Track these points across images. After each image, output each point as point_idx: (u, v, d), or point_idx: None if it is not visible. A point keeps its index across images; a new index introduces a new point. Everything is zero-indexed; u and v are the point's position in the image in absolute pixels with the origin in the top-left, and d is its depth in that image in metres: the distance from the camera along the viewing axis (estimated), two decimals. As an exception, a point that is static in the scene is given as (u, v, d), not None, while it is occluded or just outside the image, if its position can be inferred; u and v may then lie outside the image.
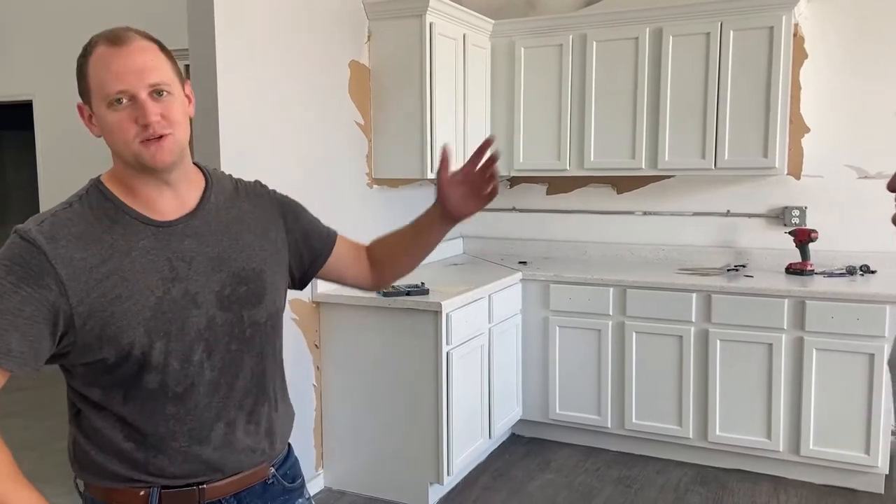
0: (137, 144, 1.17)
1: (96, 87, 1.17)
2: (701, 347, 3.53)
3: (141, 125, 1.16)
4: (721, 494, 3.33)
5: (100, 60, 1.16)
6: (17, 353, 1.11)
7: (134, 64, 1.16)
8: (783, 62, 3.50)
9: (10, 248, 1.15)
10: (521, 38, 4.06)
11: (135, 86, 1.15)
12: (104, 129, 1.19)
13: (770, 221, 3.93)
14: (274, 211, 1.40)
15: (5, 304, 1.11)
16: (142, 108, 1.15)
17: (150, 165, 1.18)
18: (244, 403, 1.30)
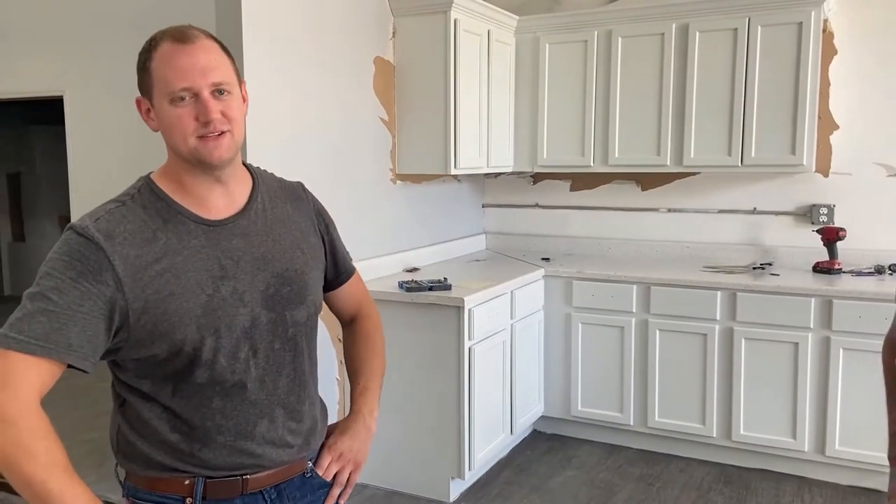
0: (196, 140, 1.20)
1: (160, 82, 1.19)
2: (725, 346, 3.50)
3: (202, 122, 1.19)
4: (744, 494, 3.31)
5: (165, 57, 1.19)
6: (76, 348, 1.13)
7: (198, 62, 1.19)
8: (812, 58, 3.46)
9: (67, 244, 1.17)
10: (546, 34, 4.04)
11: (198, 84, 1.18)
12: (164, 123, 1.22)
13: (797, 219, 3.89)
14: (312, 216, 1.43)
15: (65, 298, 1.13)
16: (204, 105, 1.19)
17: (208, 161, 1.21)
18: (286, 401, 1.33)
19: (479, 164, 3.87)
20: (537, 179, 4.54)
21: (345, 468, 1.42)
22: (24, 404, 1.10)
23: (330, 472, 1.41)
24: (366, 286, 1.62)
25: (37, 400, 1.12)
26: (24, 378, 1.10)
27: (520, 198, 4.62)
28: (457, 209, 4.43)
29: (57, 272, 1.14)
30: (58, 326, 1.12)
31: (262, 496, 1.31)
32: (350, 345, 1.57)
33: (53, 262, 1.16)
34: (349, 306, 1.57)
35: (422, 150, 3.68)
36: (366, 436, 1.45)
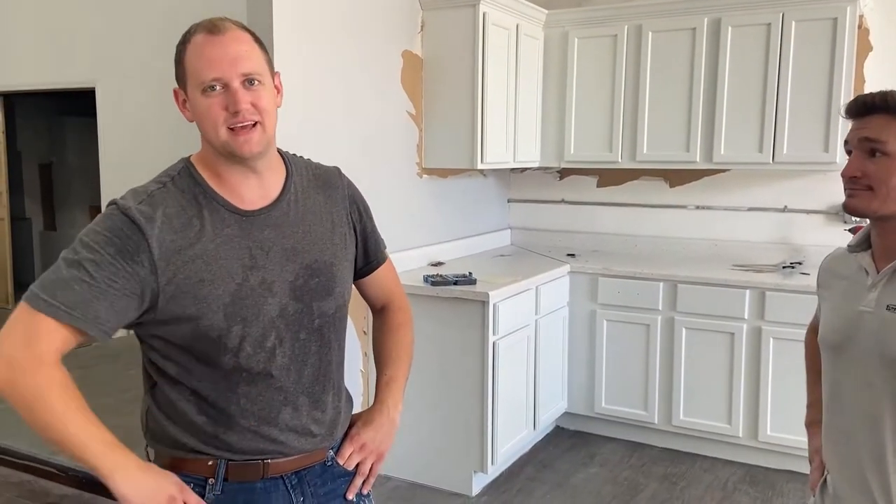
0: (226, 131, 1.21)
1: (192, 72, 1.22)
2: (753, 345, 3.46)
3: (231, 112, 1.20)
4: (770, 495, 3.27)
5: (197, 48, 1.22)
6: (103, 321, 1.17)
7: (229, 53, 1.20)
8: (847, 54, 3.39)
9: (110, 220, 1.20)
10: (575, 29, 4.01)
11: (228, 74, 1.20)
12: (196, 113, 1.24)
13: (829, 218, 3.82)
14: (345, 204, 1.43)
15: (101, 273, 1.16)
16: (233, 95, 1.20)
17: (238, 154, 1.23)
18: (311, 390, 1.34)
19: (506, 158, 3.86)
20: (564, 175, 4.51)
21: (367, 459, 1.43)
22: (45, 358, 1.15)
23: (351, 462, 1.42)
24: (398, 278, 1.62)
25: (58, 359, 1.17)
26: (49, 339, 1.15)
27: (546, 193, 4.59)
28: (482, 204, 4.42)
29: (98, 245, 1.18)
30: (90, 298, 1.15)
31: (282, 481, 1.33)
32: (379, 335, 1.57)
33: (95, 234, 1.19)
34: (380, 295, 1.56)
35: (448, 145, 3.68)
36: (389, 428, 1.46)
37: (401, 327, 1.56)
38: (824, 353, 1.45)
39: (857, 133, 1.30)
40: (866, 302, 1.33)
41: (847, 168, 1.31)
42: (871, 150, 1.28)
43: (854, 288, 1.38)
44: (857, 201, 1.30)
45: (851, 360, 1.36)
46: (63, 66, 5.36)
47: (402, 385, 1.51)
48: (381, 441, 1.45)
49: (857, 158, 1.30)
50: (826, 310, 1.47)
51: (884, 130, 1.26)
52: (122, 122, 5.15)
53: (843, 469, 1.40)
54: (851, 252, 1.43)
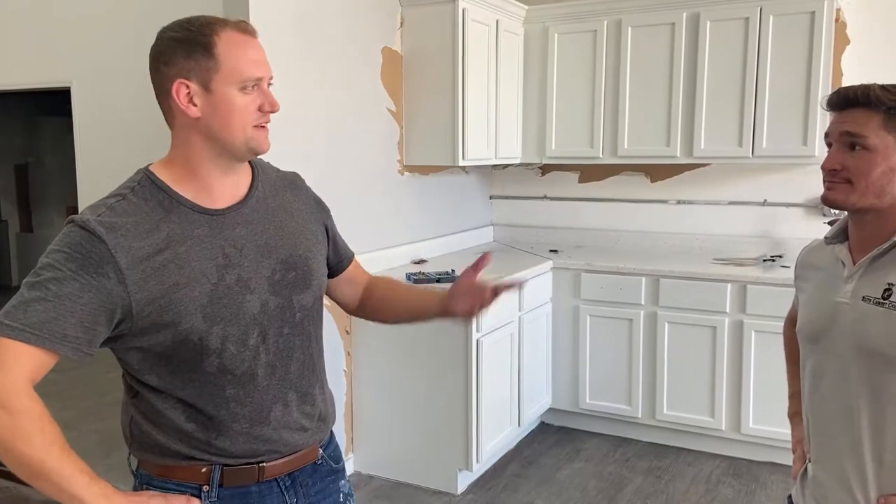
0: (252, 129, 1.23)
1: (230, 68, 1.20)
2: (735, 339, 3.48)
3: (264, 112, 1.24)
4: (754, 487, 3.29)
5: (235, 44, 1.21)
6: (71, 339, 1.13)
7: (263, 55, 1.26)
8: (824, 48, 3.42)
9: (69, 237, 1.17)
10: (555, 24, 4.01)
11: (266, 75, 1.25)
12: (220, 109, 1.21)
13: (808, 211, 3.85)
14: (312, 205, 1.45)
15: (64, 289, 1.13)
16: (270, 96, 1.25)
17: (259, 150, 1.26)
18: (298, 385, 1.35)
19: (487, 155, 3.85)
20: (545, 171, 4.51)
21: None
22: (17, 388, 1.10)
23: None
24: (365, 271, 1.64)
25: (29, 385, 1.13)
26: (18, 364, 1.11)
27: (528, 189, 4.59)
28: (464, 201, 4.41)
29: (58, 264, 1.14)
30: (54, 316, 1.12)
31: (276, 484, 1.33)
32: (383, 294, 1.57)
33: (54, 253, 1.16)
34: (354, 290, 1.58)
35: (429, 142, 3.66)
36: None
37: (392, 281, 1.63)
38: (802, 344, 1.47)
39: (837, 126, 1.31)
40: (843, 293, 1.34)
41: (827, 161, 1.32)
42: (851, 144, 1.28)
43: (831, 279, 1.39)
44: (836, 194, 1.31)
45: (828, 350, 1.37)
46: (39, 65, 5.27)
47: None
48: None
49: (838, 151, 1.31)
50: (804, 301, 1.49)
51: (864, 125, 1.27)
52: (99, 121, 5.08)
53: (822, 458, 1.41)
54: (828, 244, 1.44)
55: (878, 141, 1.26)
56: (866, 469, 1.31)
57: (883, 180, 1.27)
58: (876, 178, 1.27)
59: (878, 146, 1.26)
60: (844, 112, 1.30)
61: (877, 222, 1.31)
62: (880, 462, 1.29)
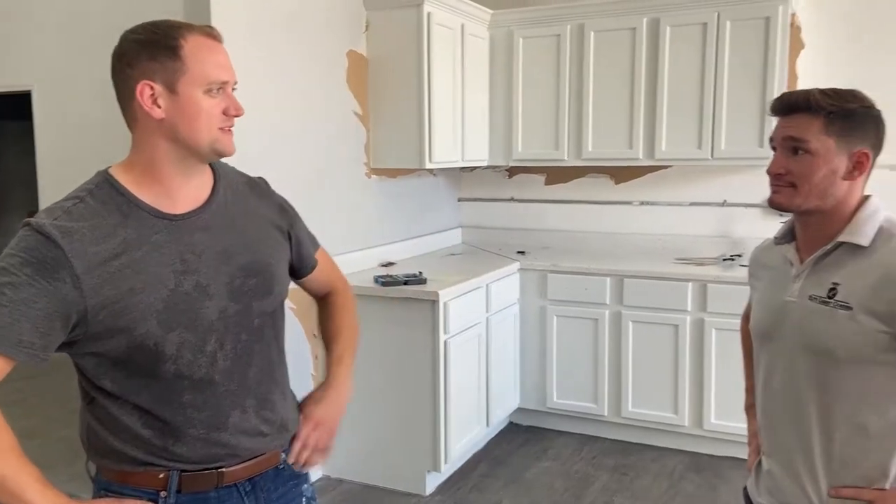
0: (217, 131, 1.25)
1: (196, 71, 1.21)
2: (697, 336, 3.56)
3: (229, 115, 1.26)
4: (716, 482, 3.37)
5: (202, 48, 1.23)
6: (27, 344, 1.12)
7: (228, 60, 1.28)
8: (780, 52, 3.51)
9: (24, 241, 1.16)
10: (520, 28, 4.06)
11: (232, 79, 1.27)
12: (185, 111, 1.21)
13: (766, 212, 3.94)
14: (275, 210, 1.44)
15: (19, 294, 1.12)
16: (235, 100, 1.27)
17: (224, 153, 1.27)
18: (257, 391, 1.34)
19: (454, 158, 3.88)
20: (513, 173, 4.56)
21: (322, 436, 1.45)
22: None
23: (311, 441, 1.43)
24: (335, 263, 1.64)
25: None
26: None
27: (495, 192, 4.64)
28: (433, 203, 4.44)
29: (13, 268, 1.13)
30: (9, 322, 1.11)
31: (236, 489, 1.32)
32: (325, 315, 1.61)
33: (9, 258, 1.15)
34: (321, 287, 1.59)
35: (396, 145, 3.68)
36: (341, 403, 1.49)
37: (345, 307, 1.61)
38: (755, 342, 1.51)
39: (781, 131, 1.35)
40: (791, 292, 1.39)
41: (772, 165, 1.36)
42: (794, 149, 1.32)
43: (780, 278, 1.44)
44: (781, 197, 1.35)
45: (778, 348, 1.41)
46: (-2, 68, 5.18)
47: (351, 360, 1.54)
48: (333, 416, 1.47)
49: (781, 156, 1.34)
50: (756, 300, 1.53)
51: (806, 129, 1.30)
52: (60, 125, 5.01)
53: (774, 451, 1.46)
54: (777, 244, 1.48)
55: (819, 145, 1.30)
56: (816, 462, 1.35)
57: (825, 183, 1.31)
58: (818, 181, 1.31)
59: (819, 150, 1.30)
60: (787, 117, 1.34)
61: (821, 223, 1.35)
62: (829, 455, 1.34)
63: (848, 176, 1.32)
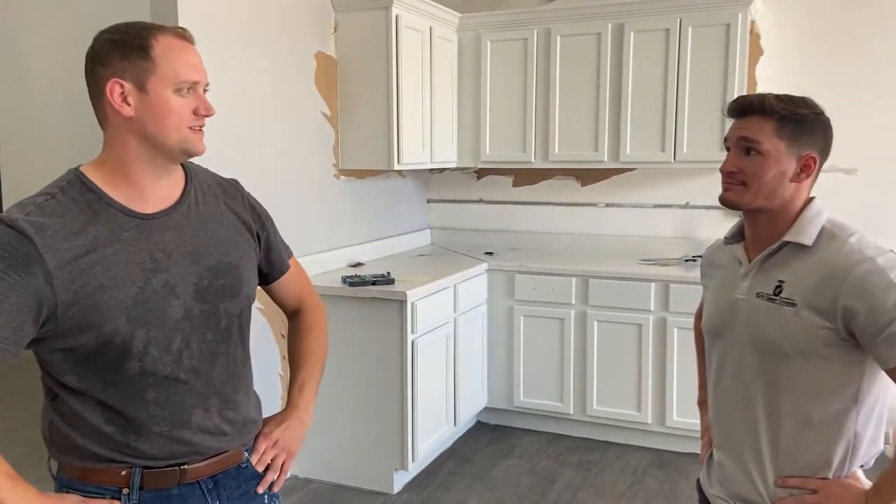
0: (187, 131, 1.26)
1: (166, 70, 1.23)
2: (659, 335, 3.64)
3: (199, 115, 1.27)
4: (677, 477, 3.45)
5: (173, 48, 1.25)
6: (1, 338, 1.13)
7: (200, 61, 1.29)
8: (739, 58, 3.60)
9: None
10: (487, 32, 4.11)
11: (203, 80, 1.28)
12: (155, 110, 1.23)
13: (726, 213, 4.03)
14: (246, 212, 1.45)
15: None
16: (205, 100, 1.28)
17: (193, 152, 1.29)
18: (222, 391, 1.35)
19: (423, 159, 3.91)
20: (481, 175, 4.61)
21: (279, 455, 1.46)
22: None
23: (265, 458, 1.44)
24: (309, 279, 1.64)
25: None
26: None
27: (464, 193, 4.68)
28: (402, 204, 4.46)
29: None
30: None
31: (198, 486, 1.34)
32: (292, 338, 1.60)
33: None
34: (290, 298, 1.59)
35: (365, 146, 3.70)
36: (300, 429, 1.49)
37: (312, 329, 1.59)
38: (706, 339, 1.57)
39: (735, 132, 1.41)
40: (740, 290, 1.44)
41: (725, 164, 1.42)
42: (747, 149, 1.38)
43: (730, 277, 1.49)
44: (732, 195, 1.41)
45: (729, 344, 1.47)
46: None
47: (314, 388, 1.55)
48: (292, 440, 1.48)
49: (735, 156, 1.40)
50: (708, 298, 1.59)
51: (759, 131, 1.37)
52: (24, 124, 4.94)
53: (725, 444, 1.51)
54: (727, 244, 1.54)
55: (771, 147, 1.36)
56: (763, 454, 1.41)
57: (774, 183, 1.37)
58: (768, 181, 1.37)
59: (770, 151, 1.36)
60: (742, 119, 1.40)
61: (769, 223, 1.41)
62: (776, 447, 1.40)
63: (795, 178, 1.38)
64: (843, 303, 1.29)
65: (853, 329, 1.29)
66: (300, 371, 1.55)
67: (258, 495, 1.44)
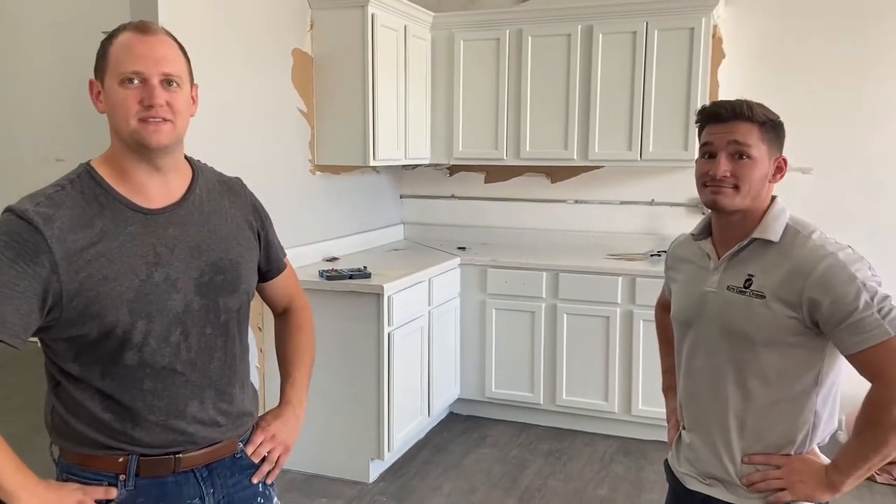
0: (137, 122, 1.26)
1: (114, 64, 1.27)
2: (626, 328, 3.77)
3: (145, 105, 1.26)
4: (642, 463, 3.59)
5: (124, 43, 1.28)
6: (9, 325, 1.18)
7: (154, 52, 1.28)
8: (702, 61, 3.75)
9: (6, 225, 1.21)
10: (461, 32, 4.19)
11: (150, 71, 1.26)
12: (110, 104, 1.28)
13: (690, 210, 4.20)
14: (248, 211, 1.50)
15: (2, 277, 1.17)
16: (151, 90, 1.26)
17: (146, 144, 1.27)
18: (218, 383, 1.39)
19: (397, 155, 3.99)
20: (453, 171, 4.70)
21: (275, 449, 1.51)
22: None
23: (261, 451, 1.48)
24: (298, 280, 1.69)
25: None
26: None
27: (437, 189, 4.77)
28: (375, 200, 4.53)
29: None
30: None
31: (193, 474, 1.37)
32: (281, 337, 1.64)
33: None
34: (281, 298, 1.63)
35: (341, 142, 3.76)
36: (295, 423, 1.56)
37: (302, 328, 1.65)
38: (676, 328, 1.66)
39: (724, 137, 1.46)
40: (710, 283, 1.53)
41: (716, 169, 1.46)
42: (737, 153, 1.45)
43: (699, 271, 1.59)
44: (725, 198, 1.46)
45: (700, 333, 1.56)
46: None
47: (305, 384, 1.61)
48: (288, 434, 1.53)
49: (726, 160, 1.46)
50: (676, 290, 1.68)
51: (748, 136, 1.44)
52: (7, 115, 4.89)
53: (694, 426, 1.61)
54: (696, 240, 1.63)
55: (758, 151, 1.45)
56: (731, 433, 1.51)
57: (759, 185, 1.46)
58: (755, 183, 1.45)
59: (757, 155, 1.45)
60: (729, 124, 1.46)
61: (741, 222, 1.50)
62: (743, 427, 1.50)
63: (771, 179, 1.48)
64: (808, 295, 1.38)
65: (817, 318, 1.39)
66: (293, 368, 1.60)
67: (252, 485, 1.48)
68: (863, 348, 1.35)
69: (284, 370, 1.61)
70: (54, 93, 4.78)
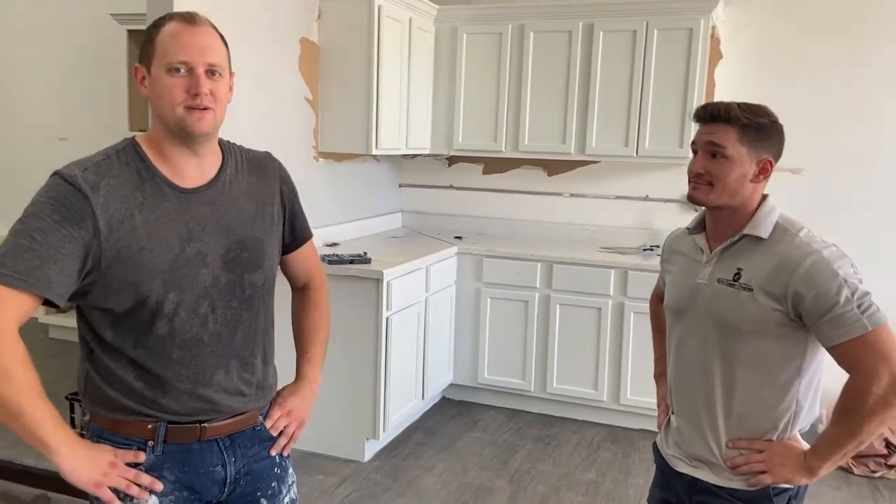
0: (183, 110, 1.33)
1: (161, 52, 1.34)
2: (617, 319, 3.88)
3: (192, 94, 1.33)
4: (629, 451, 3.71)
5: (171, 32, 1.35)
6: (55, 285, 1.25)
7: (199, 42, 1.35)
8: (700, 61, 3.84)
9: (55, 189, 1.28)
10: (464, 25, 4.27)
11: (195, 61, 1.34)
12: (156, 90, 1.35)
13: (683, 206, 4.31)
14: (276, 185, 1.57)
15: (48, 239, 1.25)
16: (197, 79, 1.34)
17: (190, 132, 1.35)
18: (242, 354, 1.47)
19: (398, 145, 4.07)
20: (452, 162, 4.78)
21: (292, 423, 1.59)
22: (4, 331, 1.22)
23: (279, 425, 1.56)
24: (318, 257, 1.75)
25: (16, 328, 1.24)
26: (6, 308, 1.22)
27: (435, 179, 4.85)
28: (375, 188, 4.61)
29: (44, 214, 1.26)
30: (39, 264, 1.23)
31: (216, 443, 1.45)
32: (299, 313, 1.70)
33: (40, 204, 1.27)
34: (301, 272, 1.68)
35: (344, 130, 3.84)
36: (311, 398, 1.64)
37: (319, 306, 1.70)
38: (669, 317, 1.74)
39: (704, 137, 1.56)
40: (702, 275, 1.62)
41: (694, 165, 1.57)
42: (713, 153, 1.54)
43: (692, 264, 1.67)
44: (699, 193, 1.57)
45: (690, 322, 1.65)
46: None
47: (321, 361, 1.68)
48: (304, 409, 1.61)
49: (702, 158, 1.56)
50: (670, 281, 1.76)
51: (725, 137, 1.52)
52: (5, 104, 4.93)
53: (683, 411, 1.70)
54: (690, 234, 1.72)
55: (734, 152, 1.52)
56: (717, 418, 1.59)
57: (736, 184, 1.54)
58: (731, 182, 1.53)
59: (733, 156, 1.52)
60: (709, 125, 1.55)
61: (730, 218, 1.58)
62: (729, 413, 1.58)
63: (754, 179, 1.56)
64: (793, 289, 1.46)
65: (801, 311, 1.47)
66: (310, 345, 1.67)
67: (270, 456, 1.55)
68: (842, 341, 1.43)
69: (301, 346, 1.68)
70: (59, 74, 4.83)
